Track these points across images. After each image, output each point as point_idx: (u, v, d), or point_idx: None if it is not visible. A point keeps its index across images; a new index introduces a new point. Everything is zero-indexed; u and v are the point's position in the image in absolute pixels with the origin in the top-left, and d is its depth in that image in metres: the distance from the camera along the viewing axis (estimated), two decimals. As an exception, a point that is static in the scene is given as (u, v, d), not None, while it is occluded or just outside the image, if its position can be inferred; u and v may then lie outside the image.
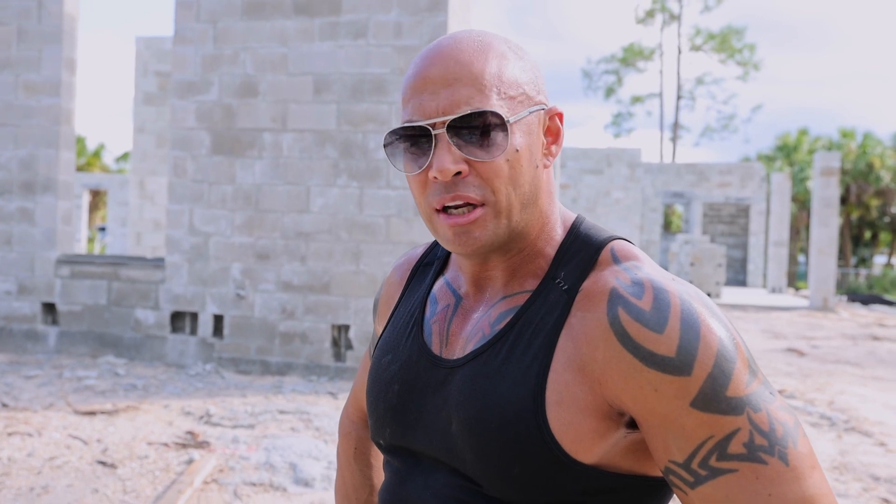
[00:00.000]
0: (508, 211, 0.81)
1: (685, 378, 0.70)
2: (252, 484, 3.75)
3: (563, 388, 0.76)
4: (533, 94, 0.84)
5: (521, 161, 0.81)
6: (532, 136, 0.83)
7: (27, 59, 7.02)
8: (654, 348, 0.71)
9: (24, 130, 7.04)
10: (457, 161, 0.79)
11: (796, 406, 6.05)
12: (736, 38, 38.25)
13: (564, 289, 0.81)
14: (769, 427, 0.70)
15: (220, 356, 6.59)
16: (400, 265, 1.06)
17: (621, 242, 0.84)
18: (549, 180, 0.87)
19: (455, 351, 0.87)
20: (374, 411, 0.93)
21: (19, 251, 7.06)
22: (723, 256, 17.58)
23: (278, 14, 6.46)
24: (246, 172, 6.55)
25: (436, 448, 0.85)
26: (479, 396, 0.80)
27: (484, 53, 0.81)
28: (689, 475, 0.71)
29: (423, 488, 0.86)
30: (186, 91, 6.65)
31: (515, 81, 0.82)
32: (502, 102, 0.80)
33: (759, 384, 0.72)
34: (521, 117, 0.81)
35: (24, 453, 4.05)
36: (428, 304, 0.94)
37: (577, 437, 0.75)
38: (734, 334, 0.73)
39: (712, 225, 26.46)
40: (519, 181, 0.81)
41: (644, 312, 0.73)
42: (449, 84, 0.79)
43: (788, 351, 9.33)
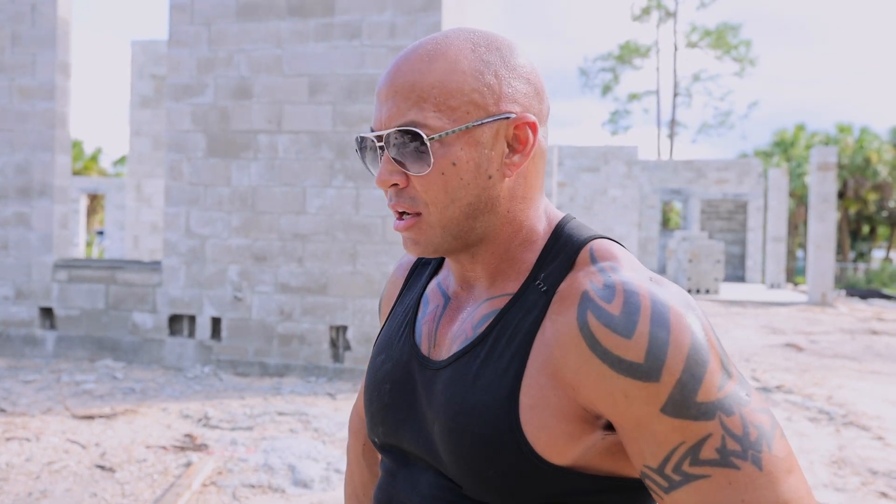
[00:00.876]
0: (445, 223, 0.81)
1: (654, 384, 0.69)
2: (251, 486, 3.76)
3: (536, 391, 0.76)
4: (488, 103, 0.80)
5: (460, 174, 0.79)
6: (480, 146, 0.80)
7: (21, 63, 7.02)
8: (623, 354, 0.70)
9: (20, 135, 7.04)
10: (392, 174, 0.80)
11: (794, 401, 6.06)
12: (732, 35, 38.29)
13: (543, 290, 0.81)
14: (742, 431, 0.69)
15: (218, 358, 6.59)
16: (402, 264, 1.07)
17: (602, 242, 0.83)
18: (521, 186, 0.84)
19: (442, 352, 0.87)
20: (369, 409, 0.94)
21: (16, 256, 7.06)
22: (721, 253, 17.58)
23: (272, 15, 6.46)
24: (242, 174, 6.55)
25: (422, 448, 0.86)
26: (457, 399, 0.81)
27: (432, 62, 0.79)
28: (663, 480, 0.71)
29: (410, 488, 0.87)
30: (182, 94, 6.65)
31: (461, 91, 0.79)
32: (439, 115, 0.78)
33: (733, 386, 0.71)
34: (455, 130, 0.78)
35: (22, 458, 4.05)
36: (421, 305, 0.95)
37: (551, 440, 0.75)
38: (709, 336, 0.72)
39: (710, 221, 26.48)
40: (457, 194, 0.80)
41: (613, 317, 0.72)
42: (391, 96, 0.80)
43: (787, 346, 9.35)
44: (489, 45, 0.82)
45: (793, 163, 29.62)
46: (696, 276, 17.42)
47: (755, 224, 23.78)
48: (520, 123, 0.81)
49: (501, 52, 0.82)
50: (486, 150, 0.80)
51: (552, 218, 0.88)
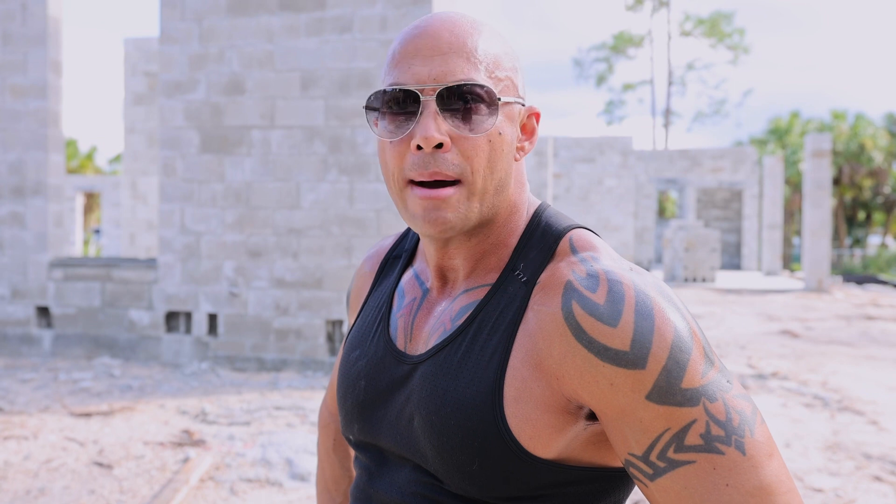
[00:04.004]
0: (482, 193, 0.79)
1: (640, 371, 0.70)
2: (248, 480, 3.77)
3: (520, 383, 0.76)
4: (517, 85, 0.83)
5: (503, 145, 0.80)
6: (513, 124, 0.82)
7: (12, 62, 7.00)
8: (609, 342, 0.71)
9: (12, 134, 7.03)
10: (441, 132, 0.76)
11: (789, 387, 6.09)
12: (725, 23, 38.24)
13: (523, 280, 0.80)
14: (725, 417, 0.70)
15: (215, 354, 6.60)
16: (370, 256, 1.05)
17: (580, 232, 0.83)
18: (521, 172, 0.86)
19: (419, 346, 0.86)
20: (343, 407, 0.93)
21: (11, 255, 7.06)
22: (717, 241, 17.61)
23: (263, 11, 6.44)
24: (236, 170, 6.55)
25: (400, 444, 0.85)
26: (438, 393, 0.80)
27: (478, 31, 0.80)
28: (647, 467, 0.71)
29: (389, 485, 0.86)
30: (174, 90, 6.64)
31: (504, 65, 0.81)
32: (491, 82, 0.79)
33: (715, 373, 0.71)
34: (507, 100, 0.80)
35: (20, 457, 4.06)
36: (395, 298, 0.93)
37: (535, 432, 0.75)
38: (691, 324, 0.73)
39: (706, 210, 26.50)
40: (496, 165, 0.79)
41: (598, 306, 0.72)
42: (443, 53, 0.77)
43: (782, 333, 9.38)
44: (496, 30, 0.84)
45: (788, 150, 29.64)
46: (693, 265, 17.45)
47: (751, 212, 23.81)
48: (533, 113, 0.86)
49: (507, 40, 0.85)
50: (514, 130, 0.82)
51: (531, 206, 0.88)
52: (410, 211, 0.80)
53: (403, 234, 1.03)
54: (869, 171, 28.56)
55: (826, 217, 15.84)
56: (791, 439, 4.65)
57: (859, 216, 33.25)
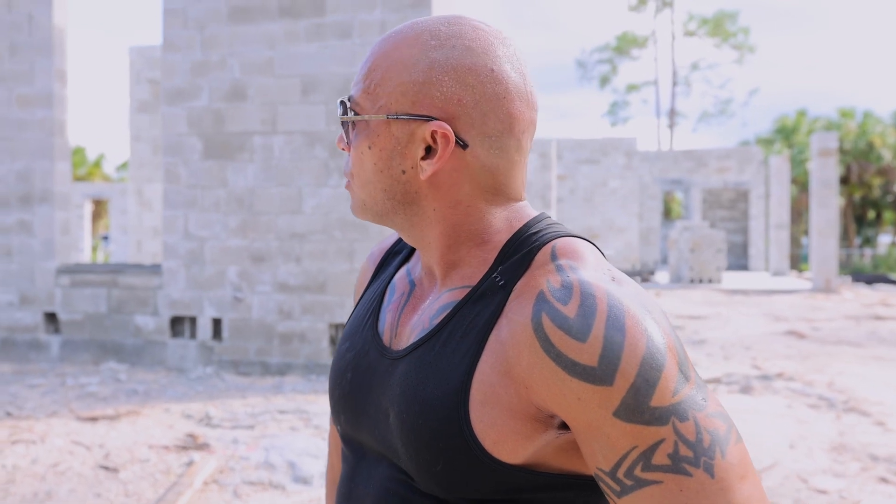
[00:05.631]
0: (365, 197, 0.85)
1: (607, 388, 0.68)
2: (251, 483, 3.81)
3: (488, 388, 0.75)
4: (409, 100, 0.79)
5: (373, 158, 0.82)
6: (395, 140, 0.80)
7: (19, 72, 7.08)
8: (577, 357, 0.69)
9: (20, 143, 7.10)
10: (341, 138, 0.86)
11: (795, 388, 6.07)
12: (730, 22, 38.17)
13: (500, 285, 0.79)
14: (696, 437, 0.68)
15: (220, 359, 6.65)
16: (373, 253, 1.07)
17: (567, 239, 0.80)
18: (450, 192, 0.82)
19: (401, 342, 0.87)
20: (332, 398, 0.94)
21: (19, 262, 7.13)
22: (723, 242, 17.56)
23: (264, 17, 6.50)
24: (238, 176, 6.60)
25: (378, 439, 0.86)
26: (410, 390, 0.80)
27: (386, 47, 0.82)
28: (615, 484, 0.70)
29: (367, 480, 0.87)
30: (177, 97, 6.71)
31: (391, 80, 0.79)
32: (368, 97, 0.82)
33: (689, 390, 0.70)
34: (367, 117, 0.81)
35: (28, 460, 4.11)
36: (387, 293, 0.95)
37: (500, 437, 0.75)
38: (668, 339, 0.71)
39: (712, 210, 26.43)
40: (370, 176, 0.83)
41: (568, 319, 0.71)
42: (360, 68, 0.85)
43: (789, 333, 9.35)
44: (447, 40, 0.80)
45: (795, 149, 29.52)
46: (698, 266, 17.41)
47: (757, 212, 23.74)
48: (435, 130, 0.79)
49: (454, 51, 0.79)
50: (400, 147, 0.80)
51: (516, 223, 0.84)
52: None
53: None
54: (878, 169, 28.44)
55: (833, 216, 15.78)
56: (796, 440, 4.64)
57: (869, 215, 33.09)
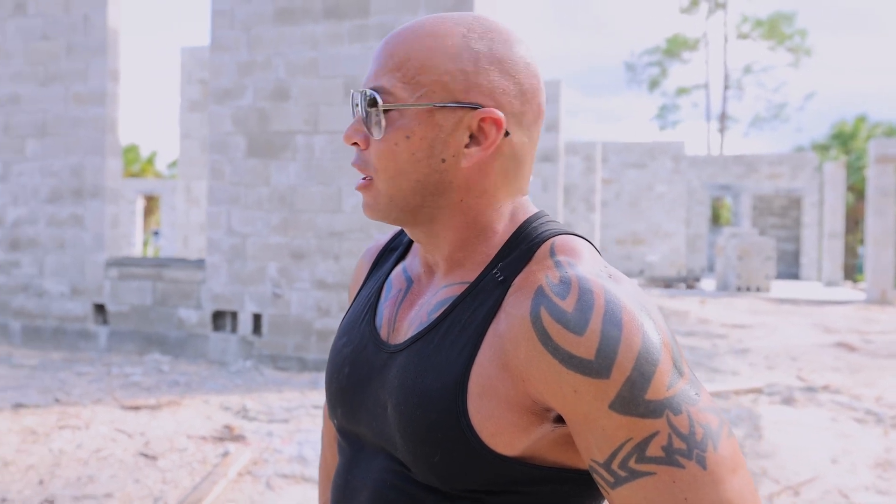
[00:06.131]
0: (392, 193, 0.82)
1: (603, 381, 0.70)
2: (284, 476, 3.88)
3: (485, 381, 0.77)
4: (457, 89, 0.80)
5: (412, 149, 0.81)
6: (438, 128, 0.81)
7: (75, 71, 7.33)
8: (574, 350, 0.71)
9: (74, 140, 7.35)
10: (356, 132, 0.83)
11: (841, 402, 5.91)
12: (786, 24, 37.29)
13: (500, 280, 0.81)
14: (689, 430, 0.69)
15: (259, 353, 6.78)
16: (369, 249, 1.08)
17: (565, 237, 0.82)
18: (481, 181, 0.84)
19: (399, 336, 0.88)
20: (329, 392, 0.96)
21: (72, 254, 7.38)
22: (772, 249, 17.19)
23: (308, 19, 6.62)
24: (280, 174, 6.73)
25: (375, 432, 0.87)
26: (408, 383, 0.82)
27: (419, 36, 0.81)
28: (609, 475, 0.72)
29: (364, 472, 0.89)
30: (223, 97, 6.87)
31: (434, 69, 0.80)
32: (405, 86, 0.80)
33: (683, 384, 0.71)
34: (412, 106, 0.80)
35: (73, 445, 4.26)
36: (384, 289, 0.96)
37: (497, 429, 0.76)
38: (663, 335, 0.73)
39: (762, 217, 25.87)
40: (405, 167, 0.81)
41: (566, 313, 0.72)
42: (376, 58, 0.83)
43: (838, 345, 9.09)
44: (484, 33, 0.82)
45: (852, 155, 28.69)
46: (746, 274, 17.06)
47: (810, 220, 23.15)
48: (485, 117, 0.81)
49: (494, 43, 0.82)
50: (444, 135, 0.81)
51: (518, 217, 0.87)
52: None
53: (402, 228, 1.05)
54: (937, 177, 27.46)
55: (890, 225, 15.32)
56: (839, 455, 4.51)
57: (926, 224, 31.95)
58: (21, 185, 7.49)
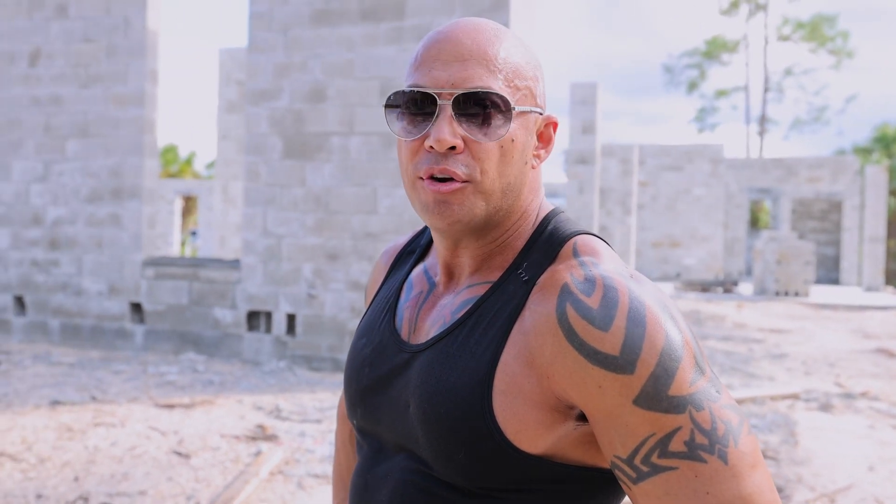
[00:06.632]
0: (489, 194, 0.82)
1: (628, 376, 0.71)
2: (316, 476, 3.88)
3: (510, 378, 0.78)
4: (536, 94, 0.85)
5: (514, 152, 0.82)
6: (528, 132, 0.85)
7: (115, 72, 7.45)
8: (599, 346, 0.72)
9: (113, 140, 7.47)
10: (455, 135, 0.79)
11: (879, 409, 5.78)
12: (827, 26, 36.60)
13: (524, 280, 0.83)
14: (711, 426, 0.71)
15: (293, 354, 6.81)
16: (387, 251, 1.09)
17: (586, 237, 0.85)
18: (536, 179, 0.89)
19: (420, 336, 0.89)
20: (348, 392, 0.97)
21: (109, 254, 7.49)
22: (811, 254, 16.86)
23: (345, 21, 6.63)
24: (315, 175, 6.75)
25: (396, 431, 0.88)
26: (432, 381, 0.82)
27: (500, 39, 0.83)
28: (631, 470, 0.73)
29: (383, 471, 0.89)
30: (260, 98, 6.92)
31: (524, 74, 0.84)
32: (509, 90, 0.81)
33: (705, 382, 0.73)
34: (524, 110, 0.83)
35: (108, 443, 4.31)
36: (403, 290, 0.97)
37: (522, 426, 0.77)
38: (684, 333, 0.74)
39: (802, 221, 25.40)
40: (506, 170, 0.82)
41: (591, 310, 0.74)
42: (463, 59, 0.80)
43: (878, 351, 8.90)
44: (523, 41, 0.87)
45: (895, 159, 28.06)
46: (785, 278, 16.76)
47: (851, 224, 22.67)
48: (551, 122, 0.88)
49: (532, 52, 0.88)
50: (529, 137, 0.85)
51: (542, 211, 0.90)
52: (422, 203, 0.83)
53: (420, 230, 1.07)
54: (984, 182, 26.70)
55: (932, 230, 14.92)
56: (876, 463, 4.41)
57: (973, 230, 31.11)
58: (61, 184, 7.63)
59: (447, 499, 0.82)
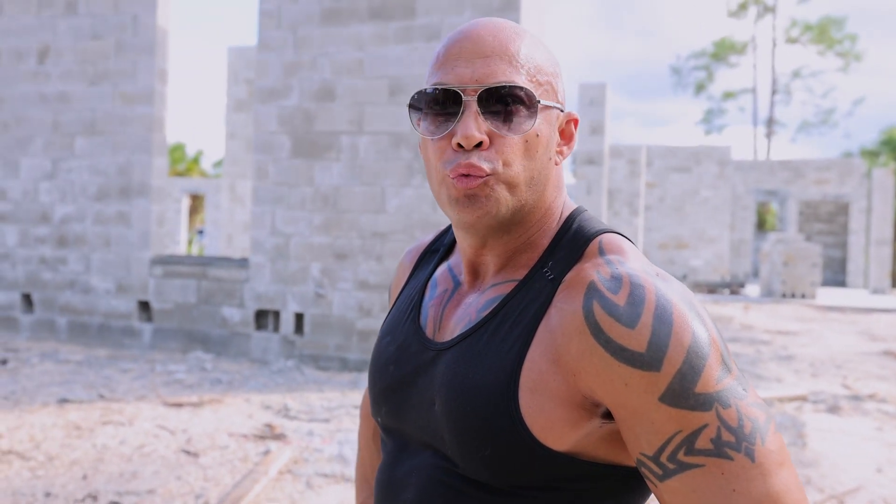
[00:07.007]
0: (514, 186, 0.82)
1: (654, 373, 0.71)
2: (324, 475, 3.87)
3: (537, 376, 0.78)
4: (557, 90, 0.86)
5: (539, 147, 0.83)
6: (551, 128, 0.85)
7: (123, 70, 7.45)
8: (626, 343, 0.72)
9: (121, 138, 7.47)
10: (481, 131, 0.80)
11: (887, 411, 5.76)
12: (835, 29, 36.52)
13: (550, 278, 0.83)
14: (737, 423, 0.71)
15: (300, 353, 6.80)
16: (410, 250, 1.10)
17: (611, 236, 0.85)
18: (559, 176, 0.89)
19: (446, 334, 0.90)
20: (373, 390, 0.97)
21: (117, 252, 7.50)
22: (818, 256, 16.82)
23: (354, 20, 6.62)
24: (324, 174, 6.75)
25: (422, 428, 0.88)
26: (458, 378, 0.83)
27: (520, 37, 0.84)
28: (657, 468, 0.73)
29: (408, 469, 0.89)
30: (268, 97, 6.91)
31: (545, 70, 0.84)
32: (532, 85, 0.82)
33: (731, 380, 0.72)
34: (548, 104, 0.83)
35: (116, 441, 4.31)
36: (428, 289, 0.98)
37: (548, 424, 0.77)
38: (711, 331, 0.74)
39: (809, 223, 25.33)
40: (531, 164, 0.83)
41: (618, 307, 0.74)
42: (485, 56, 0.81)
43: (885, 354, 8.87)
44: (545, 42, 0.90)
45: (902, 162, 27.96)
46: (791, 280, 16.71)
47: (858, 227, 22.61)
48: (572, 118, 0.89)
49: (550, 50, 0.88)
50: (553, 133, 0.86)
51: (566, 209, 0.91)
52: (450, 199, 0.83)
53: (444, 230, 1.08)
54: None
55: (941, 233, 14.87)
56: (884, 465, 4.41)
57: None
58: (69, 182, 7.63)
59: (473, 496, 0.82)
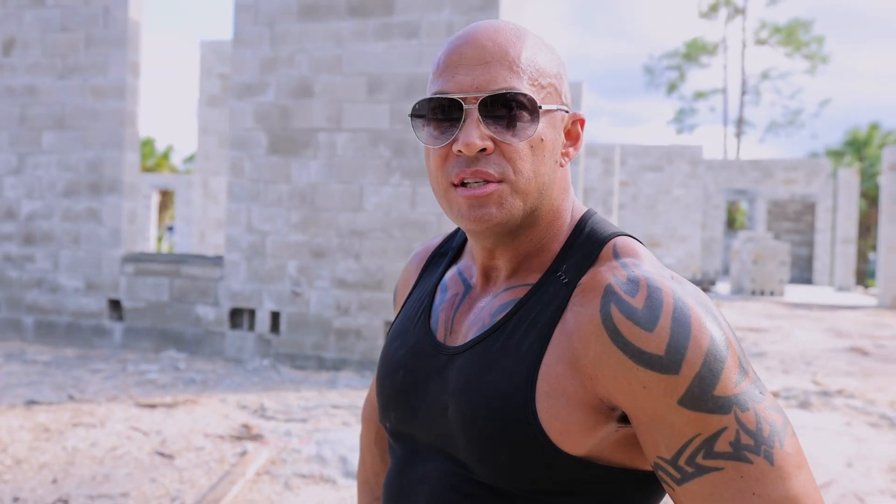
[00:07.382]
0: (525, 192, 0.81)
1: (673, 376, 0.71)
2: (302, 476, 3.83)
3: (553, 380, 0.77)
4: (561, 92, 0.85)
5: (544, 150, 0.82)
6: (556, 131, 0.84)
7: (94, 63, 7.30)
8: (644, 346, 0.72)
9: (92, 133, 7.32)
10: (483, 138, 0.79)
11: (855, 406, 5.88)
12: (803, 31, 37.14)
13: (564, 282, 0.83)
14: (756, 426, 0.70)
15: (276, 352, 6.73)
16: (417, 254, 1.08)
17: (625, 239, 0.85)
18: (565, 177, 0.88)
19: (458, 339, 0.89)
20: (381, 395, 0.96)
21: (87, 250, 7.35)
22: (786, 254, 17.15)
23: (333, 16, 6.56)
24: (301, 172, 6.67)
25: (434, 434, 0.87)
26: (473, 383, 0.82)
27: (521, 39, 0.83)
28: (676, 472, 0.72)
29: (419, 475, 0.88)
30: (244, 92, 6.82)
31: (548, 73, 0.83)
32: (533, 89, 0.81)
33: (749, 383, 0.72)
34: (550, 108, 0.82)
35: (87, 443, 4.22)
36: (438, 293, 0.96)
37: (565, 428, 0.77)
38: (728, 334, 0.74)
39: (777, 222, 25.76)
40: (539, 169, 0.82)
41: (636, 310, 0.73)
42: (485, 62, 0.80)
43: (851, 350, 9.06)
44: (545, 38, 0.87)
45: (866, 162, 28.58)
46: (761, 278, 16.99)
47: (824, 225, 23.06)
48: (578, 119, 0.88)
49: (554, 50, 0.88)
50: (558, 136, 0.85)
51: (576, 212, 0.90)
52: (456, 209, 0.82)
53: (452, 233, 1.06)
54: (954, 185, 27.22)
55: (904, 232, 15.25)
56: (853, 459, 4.50)
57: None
58: (37, 177, 7.46)
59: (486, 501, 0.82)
